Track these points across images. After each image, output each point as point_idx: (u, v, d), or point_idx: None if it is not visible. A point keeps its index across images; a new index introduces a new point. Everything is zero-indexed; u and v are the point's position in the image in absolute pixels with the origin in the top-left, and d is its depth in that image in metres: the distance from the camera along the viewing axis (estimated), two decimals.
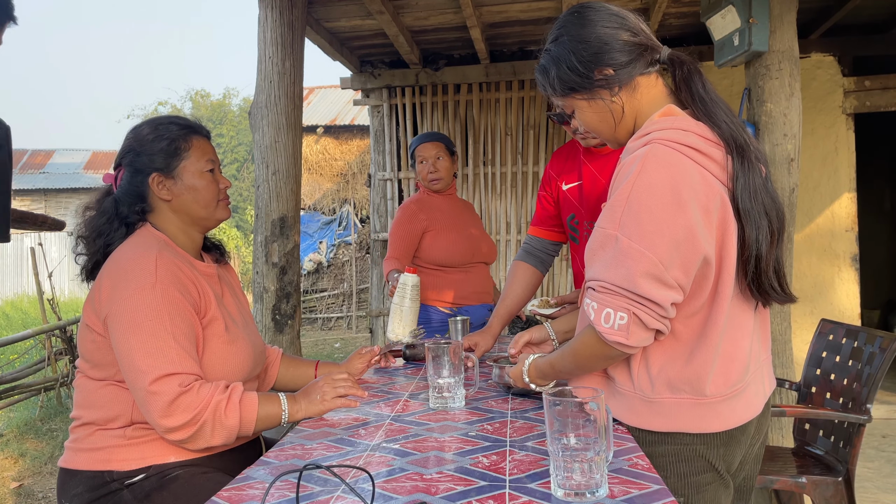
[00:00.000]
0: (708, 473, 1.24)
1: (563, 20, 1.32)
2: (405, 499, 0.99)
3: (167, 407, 1.30)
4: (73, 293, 15.12)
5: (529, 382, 1.44)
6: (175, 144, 1.50)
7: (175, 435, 1.32)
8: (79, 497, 1.40)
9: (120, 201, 1.51)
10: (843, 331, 2.43)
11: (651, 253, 1.12)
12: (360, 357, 1.85)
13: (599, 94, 1.28)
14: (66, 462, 1.46)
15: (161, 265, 1.39)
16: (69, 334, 6.21)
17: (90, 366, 1.44)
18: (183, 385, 1.32)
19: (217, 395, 1.34)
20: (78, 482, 1.41)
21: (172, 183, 1.50)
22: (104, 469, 1.39)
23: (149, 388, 1.30)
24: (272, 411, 1.41)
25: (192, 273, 1.47)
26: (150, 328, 1.33)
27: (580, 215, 1.97)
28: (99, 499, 1.39)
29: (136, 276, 1.37)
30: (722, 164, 1.20)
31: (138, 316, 1.33)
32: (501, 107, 5.05)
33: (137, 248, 1.43)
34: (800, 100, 2.82)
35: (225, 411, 1.34)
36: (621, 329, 1.14)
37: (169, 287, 1.38)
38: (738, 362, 1.24)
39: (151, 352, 1.32)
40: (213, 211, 1.54)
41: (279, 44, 3.30)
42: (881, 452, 3.82)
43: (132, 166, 1.51)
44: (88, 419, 1.43)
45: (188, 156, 1.51)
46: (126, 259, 1.41)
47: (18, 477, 4.33)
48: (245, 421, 1.36)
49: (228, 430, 1.35)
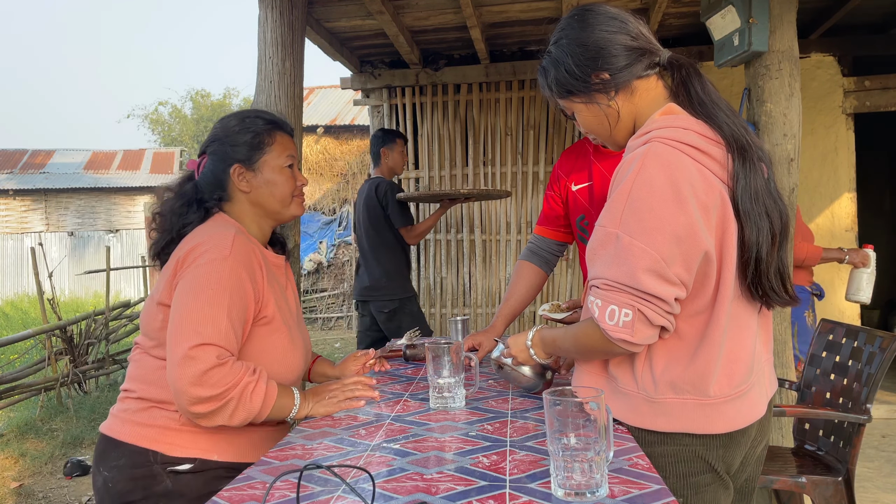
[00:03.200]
0: (707, 474, 1.24)
1: (564, 22, 1.33)
2: (405, 499, 0.99)
3: (200, 375, 1.28)
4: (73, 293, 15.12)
5: (531, 348, 1.44)
6: (259, 138, 1.54)
7: (198, 407, 1.29)
8: (119, 469, 1.41)
9: (200, 187, 1.55)
10: (843, 331, 2.44)
11: (652, 249, 1.12)
12: (355, 360, 1.84)
13: (596, 99, 1.29)
14: (110, 430, 1.45)
15: (237, 244, 1.43)
16: (69, 334, 6.21)
17: (154, 344, 1.44)
18: (220, 358, 1.31)
19: (247, 377, 1.35)
20: (121, 454, 1.41)
21: (252, 175, 1.53)
22: (150, 448, 1.40)
23: (188, 351, 1.29)
24: (286, 403, 1.42)
25: (262, 262, 1.49)
26: (209, 297, 1.34)
27: (590, 216, 1.96)
28: (140, 477, 1.39)
29: (211, 248, 1.40)
30: (722, 162, 1.20)
31: (202, 282, 1.35)
32: (501, 107, 5.05)
33: (216, 227, 1.47)
34: (800, 100, 2.82)
35: (252, 394, 1.34)
36: (626, 326, 1.15)
37: (238, 266, 1.40)
38: (741, 363, 1.23)
39: (202, 319, 1.32)
40: (288, 206, 1.57)
41: (279, 44, 3.30)
42: (881, 452, 3.82)
43: (216, 155, 1.54)
44: (143, 395, 1.43)
45: (270, 150, 1.54)
46: (205, 234, 1.45)
47: (18, 477, 4.33)
48: (264, 407, 1.37)
49: (248, 413, 1.35)
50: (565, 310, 1.83)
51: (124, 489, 1.40)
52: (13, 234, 16.62)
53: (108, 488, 1.42)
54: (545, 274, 2.08)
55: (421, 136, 5.16)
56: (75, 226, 16.86)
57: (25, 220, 16.74)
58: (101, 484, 1.43)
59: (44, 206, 16.76)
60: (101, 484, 1.43)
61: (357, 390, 1.53)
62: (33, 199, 16.74)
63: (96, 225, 16.95)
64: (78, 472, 4.33)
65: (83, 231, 16.83)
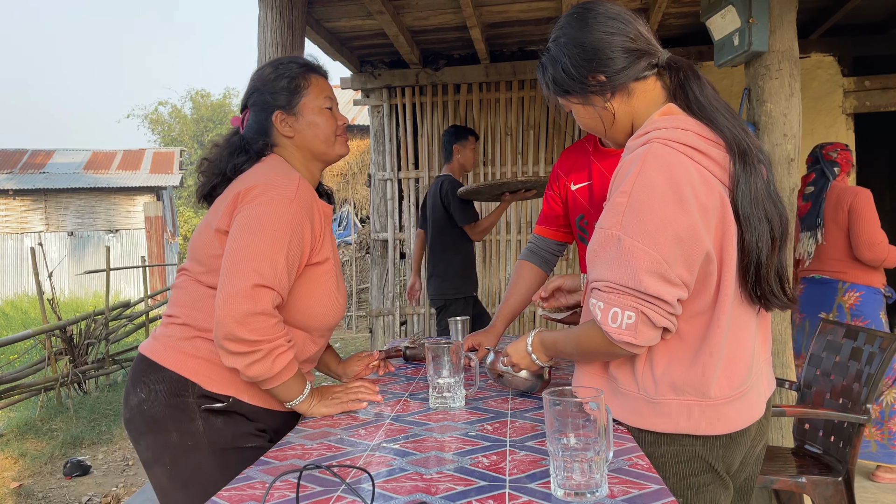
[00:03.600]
0: (707, 474, 1.24)
1: (564, 20, 1.32)
2: (405, 499, 0.99)
3: (247, 316, 1.31)
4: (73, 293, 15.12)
5: (532, 353, 1.43)
6: (295, 82, 1.55)
7: (231, 344, 1.32)
8: (157, 393, 1.43)
9: (247, 139, 1.56)
10: (843, 331, 2.43)
11: (654, 251, 1.12)
12: (359, 360, 1.85)
13: (592, 100, 1.29)
14: (152, 353, 1.47)
15: (302, 188, 1.45)
16: (69, 334, 6.21)
17: (205, 270, 1.46)
18: (272, 307, 1.35)
19: (283, 340, 1.38)
20: (161, 378, 1.43)
21: (294, 119, 1.55)
22: (190, 378, 1.42)
23: (246, 290, 1.31)
24: (294, 388, 1.43)
25: (319, 209, 1.51)
26: (271, 236, 1.36)
27: (589, 215, 1.96)
28: (175, 406, 1.42)
29: (280, 186, 1.41)
30: (722, 164, 1.20)
31: (266, 221, 1.37)
32: (501, 107, 5.05)
33: (280, 168, 1.49)
34: (800, 100, 2.82)
35: (278, 356, 1.37)
36: (629, 328, 1.14)
37: (301, 210, 1.42)
38: (741, 364, 1.23)
39: (262, 257, 1.34)
40: (333, 145, 1.59)
41: (279, 44, 3.30)
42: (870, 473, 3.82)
43: (257, 106, 1.57)
44: (189, 321, 1.45)
45: (307, 93, 1.56)
46: (268, 173, 1.46)
47: (18, 477, 4.33)
48: (281, 374, 1.39)
49: (266, 371, 1.36)
50: (565, 310, 1.83)
51: (158, 414, 1.42)
52: (13, 234, 16.62)
53: (142, 410, 1.44)
54: (545, 274, 2.07)
55: (421, 136, 5.16)
56: (75, 226, 16.86)
57: (25, 220, 16.75)
58: (136, 404, 1.45)
59: (44, 206, 16.75)
60: (136, 404, 1.45)
61: (360, 393, 1.54)
62: (33, 199, 16.73)
63: (96, 225, 16.95)
64: (78, 472, 4.33)
65: (83, 231, 16.84)
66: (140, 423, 1.45)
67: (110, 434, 5.19)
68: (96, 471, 4.44)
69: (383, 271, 5.29)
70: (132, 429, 1.47)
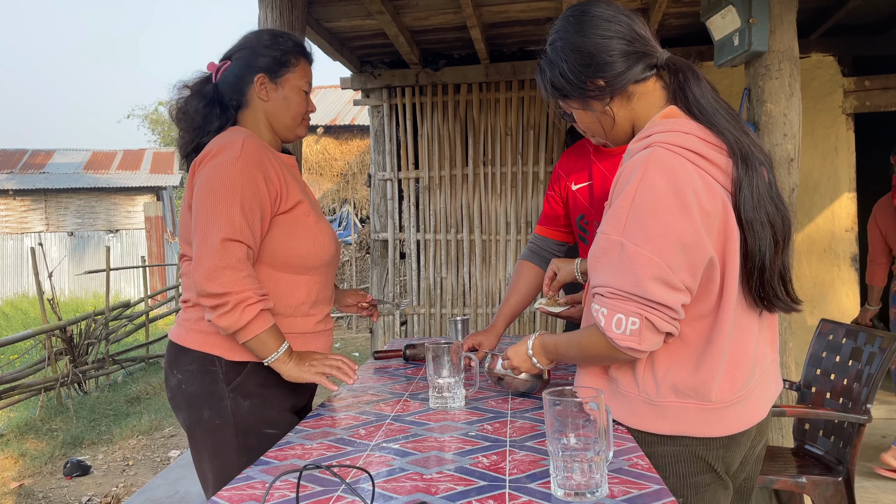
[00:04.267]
0: (707, 475, 1.24)
1: (561, 23, 1.30)
2: (405, 499, 0.99)
3: (217, 271, 1.40)
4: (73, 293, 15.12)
5: (532, 356, 1.43)
6: (287, 57, 1.65)
7: (206, 300, 1.42)
8: (191, 373, 1.56)
9: (221, 89, 1.64)
10: (843, 331, 2.43)
11: (658, 257, 1.12)
12: (355, 294, 1.96)
13: (591, 105, 1.28)
14: (178, 338, 1.59)
15: (247, 146, 1.53)
16: (69, 334, 6.21)
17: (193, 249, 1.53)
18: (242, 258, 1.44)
19: (252, 293, 1.44)
20: (191, 359, 1.56)
21: (273, 88, 1.64)
22: (213, 353, 1.54)
23: (217, 245, 1.41)
24: (269, 344, 1.48)
25: (275, 160, 1.59)
26: (222, 194, 1.45)
27: (590, 215, 1.97)
28: (208, 385, 1.55)
29: (223, 153, 1.50)
30: (724, 168, 1.19)
31: (215, 183, 1.46)
32: (501, 107, 5.05)
33: (228, 135, 1.57)
34: (800, 100, 2.82)
35: (246, 307, 1.43)
36: (633, 334, 1.14)
37: (248, 165, 1.50)
38: (743, 368, 1.23)
39: (219, 215, 1.44)
40: (296, 125, 1.69)
41: None
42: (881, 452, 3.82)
43: (242, 61, 1.64)
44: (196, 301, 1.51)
45: (294, 70, 1.66)
46: (217, 142, 1.55)
47: (18, 477, 4.33)
48: (249, 329, 1.45)
49: (234, 323, 1.43)
50: (562, 303, 1.83)
51: (194, 393, 1.56)
52: (13, 234, 16.62)
53: (181, 389, 1.58)
54: None
55: (421, 136, 5.16)
56: (75, 226, 16.85)
57: (25, 220, 16.74)
58: (175, 384, 1.59)
59: (44, 206, 16.75)
60: (175, 384, 1.59)
61: (336, 367, 1.55)
62: (33, 199, 16.73)
63: (96, 225, 16.95)
64: (78, 472, 4.33)
65: (83, 231, 16.83)
66: (180, 401, 1.59)
67: (110, 434, 5.19)
68: (96, 471, 4.44)
69: (383, 271, 5.29)
70: (174, 405, 1.62)
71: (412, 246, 5.18)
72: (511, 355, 1.49)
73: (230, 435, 1.53)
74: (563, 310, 1.80)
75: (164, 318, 9.74)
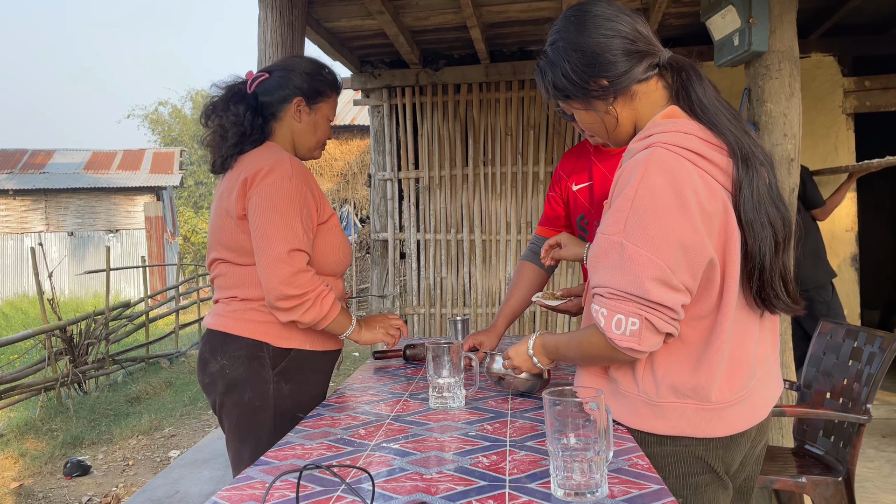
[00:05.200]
0: (706, 475, 1.24)
1: (561, 23, 1.29)
2: (405, 499, 0.99)
3: (292, 276, 1.60)
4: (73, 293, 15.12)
5: (533, 356, 1.43)
6: (325, 88, 1.84)
7: (283, 302, 1.61)
8: (238, 358, 1.70)
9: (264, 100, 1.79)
10: (843, 331, 2.43)
11: (658, 258, 1.11)
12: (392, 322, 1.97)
13: (594, 105, 1.27)
14: (224, 327, 1.73)
15: (295, 165, 1.70)
16: (69, 334, 6.21)
17: (237, 254, 1.72)
18: (307, 264, 1.64)
19: (323, 287, 1.67)
20: (240, 346, 1.71)
21: (307, 112, 1.82)
22: (262, 340, 1.70)
23: (285, 256, 1.60)
24: (344, 321, 1.73)
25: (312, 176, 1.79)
26: (284, 209, 1.63)
27: (590, 215, 1.97)
28: (254, 369, 1.70)
29: (276, 170, 1.66)
30: (724, 168, 1.18)
31: (276, 199, 1.64)
32: (501, 107, 5.05)
33: (272, 153, 1.72)
34: (800, 100, 2.82)
35: (323, 300, 1.65)
36: (633, 335, 1.14)
37: (300, 182, 1.68)
38: (743, 368, 1.23)
39: (284, 228, 1.62)
40: (315, 149, 1.88)
41: (279, 44, 3.30)
42: (881, 452, 3.82)
43: (285, 80, 1.80)
44: (246, 296, 1.71)
45: (327, 102, 1.86)
46: (266, 159, 1.70)
47: (18, 477, 4.33)
48: (329, 313, 1.67)
49: (318, 314, 1.65)
50: (559, 297, 1.83)
51: (239, 376, 1.70)
52: (13, 234, 16.62)
53: (223, 374, 1.71)
54: (546, 274, 2.08)
55: (421, 136, 5.16)
56: (75, 226, 16.85)
57: (25, 220, 16.74)
58: (217, 369, 1.72)
59: (44, 206, 16.75)
60: (217, 369, 1.72)
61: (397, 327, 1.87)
62: (33, 199, 16.73)
63: (96, 225, 16.95)
64: (78, 472, 4.33)
65: (83, 231, 16.83)
66: (220, 385, 1.72)
67: (110, 434, 5.19)
68: (96, 471, 4.44)
69: (383, 271, 5.29)
70: (210, 391, 1.76)
71: (412, 246, 5.18)
72: (512, 355, 1.48)
73: (268, 416, 1.69)
74: (560, 303, 1.80)
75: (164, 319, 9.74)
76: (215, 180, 2.72)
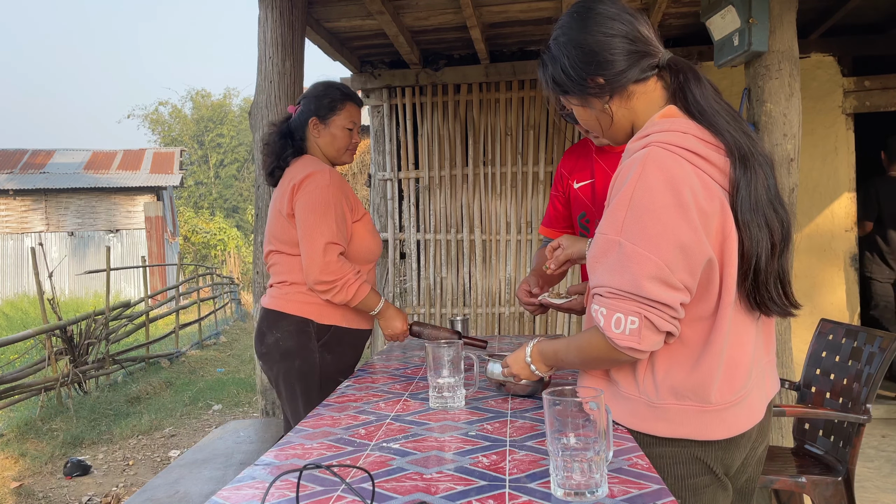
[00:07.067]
0: (705, 476, 1.24)
1: (565, 19, 1.30)
2: (405, 498, 0.99)
3: (328, 265, 2.00)
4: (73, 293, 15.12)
5: (531, 364, 1.42)
6: (334, 104, 2.19)
7: (319, 286, 2.02)
8: (290, 332, 2.10)
9: (292, 128, 2.22)
10: (843, 331, 2.43)
11: (656, 256, 1.11)
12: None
13: (591, 102, 1.28)
14: (277, 306, 2.13)
15: (333, 174, 2.11)
16: (69, 334, 6.21)
17: (287, 246, 2.13)
18: (340, 255, 2.04)
19: (352, 275, 2.05)
20: (290, 322, 2.11)
21: (323, 127, 2.20)
22: (308, 317, 2.11)
23: (322, 248, 2.00)
24: (372, 301, 2.11)
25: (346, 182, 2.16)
26: (323, 211, 2.03)
27: (591, 213, 1.97)
28: (303, 341, 2.10)
29: (316, 178, 2.07)
30: (722, 168, 1.18)
31: (316, 203, 2.04)
32: (501, 107, 5.05)
33: (313, 164, 2.14)
34: (800, 100, 2.82)
35: (350, 285, 2.04)
36: (633, 334, 1.13)
37: (337, 189, 2.09)
38: (742, 369, 1.23)
39: (323, 225, 2.02)
40: (342, 155, 2.25)
41: (279, 44, 3.31)
42: (881, 452, 3.82)
43: (305, 106, 2.22)
44: (293, 280, 2.12)
45: (339, 114, 2.20)
46: (308, 168, 2.10)
47: (18, 477, 4.33)
48: (356, 296, 2.06)
49: (346, 296, 2.04)
50: (565, 295, 1.83)
51: (291, 346, 2.10)
52: (13, 234, 16.62)
53: (278, 346, 2.11)
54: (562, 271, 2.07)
55: (421, 136, 5.16)
56: (75, 226, 16.85)
57: (25, 220, 16.74)
58: (273, 342, 2.12)
59: (44, 206, 16.75)
60: (273, 342, 2.12)
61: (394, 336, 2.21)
62: (33, 199, 16.73)
63: (96, 225, 16.95)
64: (78, 471, 4.34)
65: (83, 231, 16.83)
66: (275, 354, 2.12)
67: (110, 434, 5.19)
68: (96, 471, 4.44)
69: (383, 271, 5.29)
70: (267, 359, 2.15)
71: (412, 246, 5.17)
72: (510, 363, 1.47)
73: (315, 380, 2.10)
74: (566, 301, 1.79)
75: (164, 318, 9.74)
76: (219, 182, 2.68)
